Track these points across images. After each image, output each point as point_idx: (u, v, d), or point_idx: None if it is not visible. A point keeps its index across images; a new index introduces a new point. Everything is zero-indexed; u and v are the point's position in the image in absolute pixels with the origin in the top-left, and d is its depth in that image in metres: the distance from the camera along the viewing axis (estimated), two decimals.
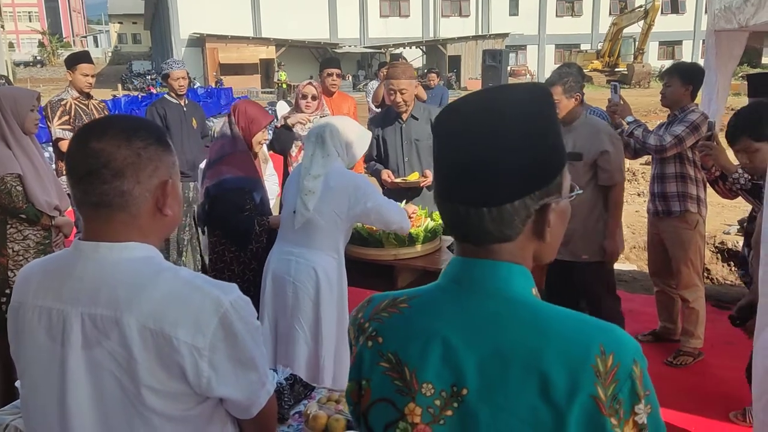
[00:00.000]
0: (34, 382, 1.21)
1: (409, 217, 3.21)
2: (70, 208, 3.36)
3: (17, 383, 2.08)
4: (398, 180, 3.90)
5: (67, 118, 4.57)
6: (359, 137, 2.93)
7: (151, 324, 1.10)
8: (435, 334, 0.93)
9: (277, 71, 29.10)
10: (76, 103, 4.64)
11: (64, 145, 4.57)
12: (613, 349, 0.86)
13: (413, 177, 3.87)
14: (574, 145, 3.27)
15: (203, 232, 3.24)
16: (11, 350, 1.26)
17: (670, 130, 3.57)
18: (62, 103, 4.60)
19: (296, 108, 4.56)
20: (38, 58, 53.63)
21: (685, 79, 3.64)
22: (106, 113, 4.92)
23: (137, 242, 1.18)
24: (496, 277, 0.93)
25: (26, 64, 49.87)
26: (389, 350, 0.97)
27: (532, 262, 0.98)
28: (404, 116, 3.94)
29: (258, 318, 1.26)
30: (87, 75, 4.67)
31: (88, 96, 4.77)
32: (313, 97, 4.48)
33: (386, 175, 3.91)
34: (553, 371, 0.85)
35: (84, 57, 4.82)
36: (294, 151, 4.47)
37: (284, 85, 27.70)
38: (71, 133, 4.57)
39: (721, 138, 3.07)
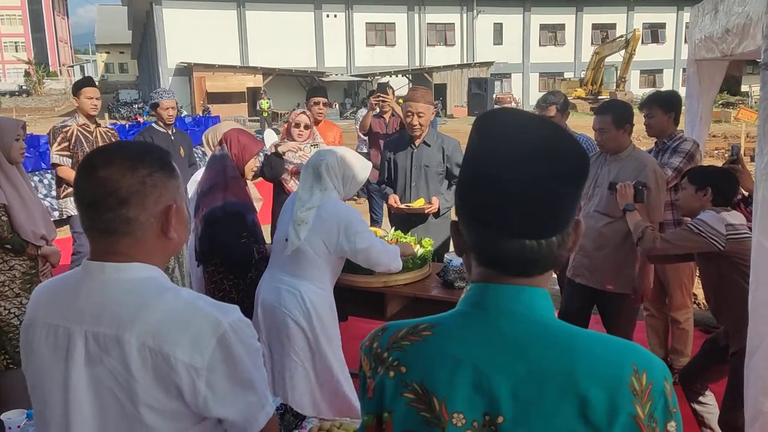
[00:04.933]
0: (42, 397, 1.25)
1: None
2: (57, 237, 3.33)
3: (2, 416, 2.05)
4: (403, 206, 3.93)
5: (66, 144, 4.71)
6: (358, 170, 2.87)
7: (150, 343, 1.13)
8: (463, 360, 0.90)
9: (260, 100, 28.57)
10: (80, 129, 4.77)
11: (61, 171, 4.73)
12: (646, 367, 0.87)
13: (419, 203, 3.90)
14: (617, 175, 3.25)
15: (199, 264, 3.17)
16: (22, 365, 1.29)
17: (668, 162, 3.66)
18: (63, 129, 4.74)
19: (288, 136, 4.59)
20: (24, 87, 53.47)
21: (665, 107, 3.77)
22: (114, 140, 4.96)
23: (142, 263, 1.20)
24: (522, 302, 0.92)
25: (12, 94, 49.53)
26: (414, 380, 0.93)
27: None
28: (417, 141, 4.00)
29: None
30: (91, 98, 4.86)
31: (95, 122, 4.92)
32: (306, 126, 4.52)
33: (392, 200, 3.95)
34: (591, 393, 0.85)
35: (88, 81, 5.07)
36: (287, 177, 4.50)
37: (265, 113, 27.45)
38: (69, 160, 4.72)
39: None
